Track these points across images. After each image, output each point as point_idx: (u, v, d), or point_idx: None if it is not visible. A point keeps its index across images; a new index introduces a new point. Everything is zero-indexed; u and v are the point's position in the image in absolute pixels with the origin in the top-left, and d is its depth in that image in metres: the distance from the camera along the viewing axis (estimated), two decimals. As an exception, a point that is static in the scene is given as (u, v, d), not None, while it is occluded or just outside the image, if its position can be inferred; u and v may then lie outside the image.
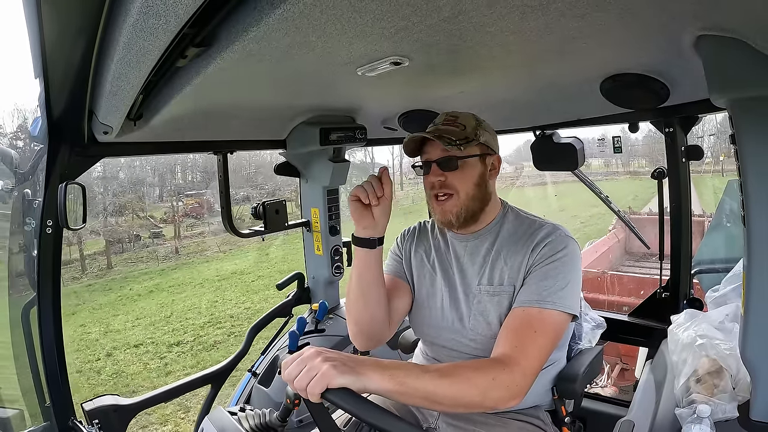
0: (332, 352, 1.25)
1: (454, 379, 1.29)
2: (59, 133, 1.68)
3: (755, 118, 1.19)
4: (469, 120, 1.66)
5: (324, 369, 1.18)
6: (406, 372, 1.26)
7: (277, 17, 0.90)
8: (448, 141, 1.56)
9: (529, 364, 1.39)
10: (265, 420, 1.53)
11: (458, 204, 1.62)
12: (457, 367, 1.38)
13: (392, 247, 1.93)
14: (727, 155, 20.85)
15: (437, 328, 1.71)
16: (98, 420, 1.94)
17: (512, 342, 1.43)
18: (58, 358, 1.81)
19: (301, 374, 1.19)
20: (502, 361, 1.38)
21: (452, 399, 1.29)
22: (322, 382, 1.17)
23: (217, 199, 2.98)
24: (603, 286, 6.20)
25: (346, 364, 1.21)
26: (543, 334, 1.46)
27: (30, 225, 1.78)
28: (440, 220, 1.67)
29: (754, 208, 1.22)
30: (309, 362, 1.20)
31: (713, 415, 1.43)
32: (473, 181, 1.63)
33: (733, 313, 1.79)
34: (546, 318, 1.48)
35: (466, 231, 1.72)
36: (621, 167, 33.79)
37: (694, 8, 1.01)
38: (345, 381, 1.18)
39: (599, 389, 4.71)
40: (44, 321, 1.78)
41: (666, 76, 1.60)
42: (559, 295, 1.49)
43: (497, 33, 1.14)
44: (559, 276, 1.52)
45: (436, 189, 1.63)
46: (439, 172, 1.61)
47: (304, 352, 1.24)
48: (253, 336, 2.65)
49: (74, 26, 1.08)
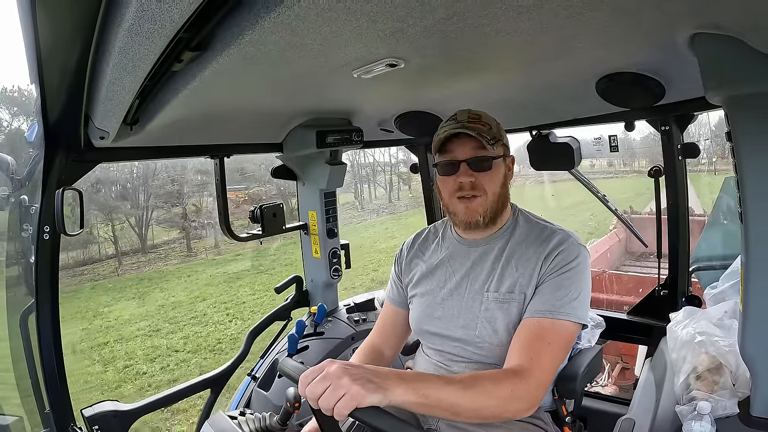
0: (355, 368, 1.21)
1: (476, 392, 1.29)
2: (56, 139, 1.67)
3: (751, 115, 1.19)
4: (491, 120, 1.65)
5: (354, 390, 1.14)
6: (427, 384, 1.25)
7: (273, 20, 0.90)
8: (486, 140, 1.55)
9: (544, 375, 1.40)
10: (266, 424, 1.52)
11: (485, 204, 1.61)
12: (476, 378, 1.37)
13: (392, 271, 1.93)
14: (720, 156, 22.54)
15: (443, 335, 1.69)
16: (98, 426, 1.93)
17: (527, 354, 1.43)
18: (57, 364, 1.80)
19: (326, 393, 1.14)
20: (518, 373, 1.38)
21: (474, 411, 1.29)
22: (351, 403, 1.13)
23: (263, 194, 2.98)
24: (602, 285, 6.22)
25: (371, 381, 1.18)
26: (556, 344, 1.46)
27: (27, 231, 1.77)
28: (465, 219, 1.64)
29: (750, 205, 1.22)
30: (334, 381, 1.15)
31: (713, 412, 1.43)
32: (500, 182, 1.63)
33: (732, 309, 1.80)
34: (559, 329, 1.48)
35: (476, 236, 1.72)
36: (624, 166, 34.28)
37: (689, 6, 1.01)
38: (374, 400, 1.15)
39: (600, 388, 4.71)
40: (43, 327, 1.77)
41: (661, 74, 1.60)
42: (573, 306, 1.49)
43: (492, 34, 1.14)
44: (572, 286, 1.52)
45: (465, 190, 1.60)
46: (470, 173, 1.59)
47: (325, 367, 1.20)
48: (252, 340, 2.63)
49: (69, 31, 1.08)
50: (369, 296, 3.07)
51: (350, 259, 3.06)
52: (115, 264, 18.20)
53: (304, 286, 2.99)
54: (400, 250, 1.94)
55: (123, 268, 18.08)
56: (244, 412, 1.56)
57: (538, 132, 2.63)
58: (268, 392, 2.45)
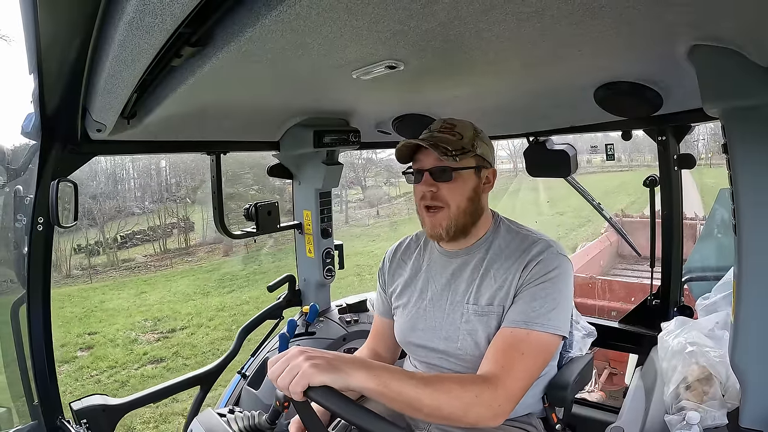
0: (316, 351, 1.27)
1: (438, 390, 1.30)
2: (52, 130, 1.66)
3: (748, 128, 1.19)
4: (466, 129, 1.63)
5: (305, 367, 1.19)
6: (390, 374, 1.27)
7: (273, 18, 0.89)
8: (444, 150, 1.53)
9: (514, 385, 1.39)
10: (255, 422, 1.52)
11: (448, 217, 1.59)
12: (443, 378, 1.39)
13: (377, 283, 1.94)
14: (716, 152, 24.11)
15: (427, 347, 1.69)
16: (86, 420, 1.92)
17: (499, 362, 1.42)
18: (47, 356, 1.80)
19: (284, 373, 1.21)
20: (488, 379, 1.38)
21: (434, 409, 1.29)
22: (303, 381, 1.18)
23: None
24: (593, 291, 6.24)
25: (329, 362, 1.22)
26: (530, 356, 1.45)
27: (21, 222, 1.76)
28: (429, 232, 1.65)
29: (745, 217, 1.23)
30: (292, 361, 1.22)
31: (702, 422, 1.44)
32: (466, 194, 1.60)
33: (723, 320, 1.80)
34: (533, 340, 1.46)
35: (455, 246, 1.71)
36: (632, 161, 35.42)
37: (688, 18, 1.01)
38: (326, 379, 1.19)
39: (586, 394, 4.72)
40: (33, 319, 1.76)
41: (659, 84, 1.61)
42: (548, 317, 1.48)
43: (492, 39, 1.14)
44: (548, 297, 1.50)
45: (426, 200, 1.60)
46: (431, 182, 1.59)
47: (289, 352, 1.26)
48: (243, 337, 2.63)
49: (70, 23, 1.08)
50: (361, 297, 3.06)
51: (344, 259, 3.06)
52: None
53: (297, 285, 2.99)
54: (382, 261, 1.93)
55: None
56: (233, 410, 1.56)
57: (535, 138, 2.64)
58: (258, 391, 2.44)
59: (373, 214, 26.40)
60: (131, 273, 17.95)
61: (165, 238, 20.57)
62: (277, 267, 15.84)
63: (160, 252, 19.92)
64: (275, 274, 2.86)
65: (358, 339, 2.74)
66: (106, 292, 15.32)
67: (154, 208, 22.29)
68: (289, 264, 3.04)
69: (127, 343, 10.69)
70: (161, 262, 18.94)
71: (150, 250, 20.03)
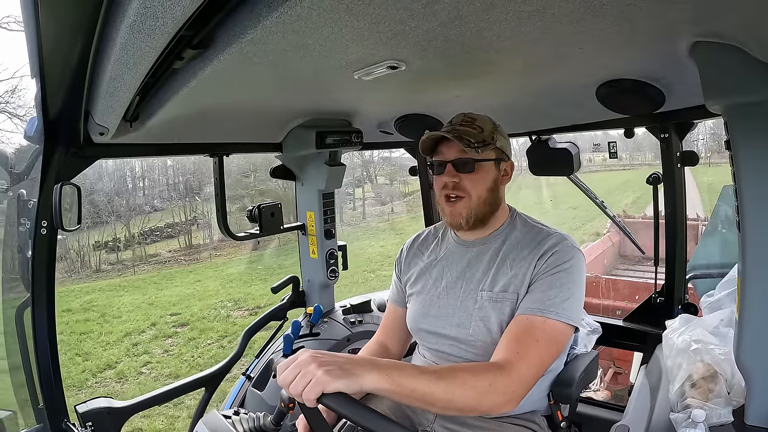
0: (327, 355, 1.25)
1: (451, 382, 1.30)
2: (55, 134, 1.67)
3: (750, 124, 1.19)
4: (486, 123, 1.67)
5: (319, 375, 1.17)
6: (402, 372, 1.27)
7: (275, 20, 0.89)
8: (467, 143, 1.58)
9: (528, 371, 1.40)
10: (259, 424, 1.52)
11: (468, 207, 1.64)
12: (454, 369, 1.38)
13: (394, 272, 1.98)
14: (716, 152, 25.21)
15: (438, 334, 1.70)
16: (91, 422, 1.92)
17: (513, 348, 1.43)
18: (52, 359, 1.80)
19: (296, 380, 1.19)
20: (501, 366, 1.38)
21: (448, 401, 1.29)
22: (316, 388, 1.17)
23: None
24: (598, 290, 6.23)
25: (341, 367, 1.21)
26: (544, 343, 1.46)
27: (25, 225, 1.77)
28: (450, 221, 1.69)
29: (748, 214, 1.22)
30: (304, 367, 1.20)
31: (708, 420, 1.43)
32: (486, 185, 1.65)
33: (728, 318, 1.79)
34: (549, 328, 1.48)
35: (472, 236, 1.74)
36: (633, 159, 35.64)
37: (690, 15, 1.01)
38: (340, 385, 1.18)
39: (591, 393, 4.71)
40: (38, 322, 1.77)
41: (662, 82, 1.60)
42: (563, 306, 1.50)
43: (494, 38, 1.14)
44: (564, 287, 1.53)
45: (448, 189, 1.65)
46: (454, 173, 1.63)
47: (299, 356, 1.24)
48: (247, 339, 2.63)
49: (71, 26, 1.08)
50: (365, 298, 3.07)
51: (347, 260, 3.06)
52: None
53: (301, 286, 2.99)
54: (400, 251, 1.97)
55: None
56: (238, 412, 1.56)
57: (537, 137, 2.63)
58: (263, 392, 2.44)
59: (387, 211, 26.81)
60: (163, 267, 18.01)
61: (189, 234, 20.63)
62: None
63: (186, 247, 19.94)
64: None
65: (363, 339, 2.74)
66: (158, 282, 15.47)
67: (175, 206, 22.39)
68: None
69: (222, 318, 11.18)
70: (189, 257, 18.96)
71: (174, 245, 20.06)
